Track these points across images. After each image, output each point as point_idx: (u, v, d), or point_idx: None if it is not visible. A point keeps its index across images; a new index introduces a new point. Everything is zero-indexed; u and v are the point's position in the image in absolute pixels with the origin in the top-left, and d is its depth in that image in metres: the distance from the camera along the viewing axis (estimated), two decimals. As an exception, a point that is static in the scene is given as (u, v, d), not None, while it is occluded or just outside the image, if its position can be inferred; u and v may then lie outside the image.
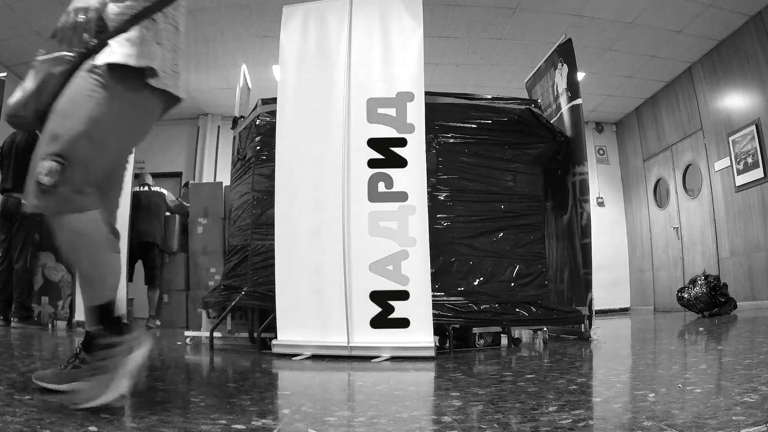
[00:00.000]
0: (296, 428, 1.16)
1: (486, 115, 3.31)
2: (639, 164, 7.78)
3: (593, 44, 5.92)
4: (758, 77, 5.34)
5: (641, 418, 1.16)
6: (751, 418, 1.07)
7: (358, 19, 2.91)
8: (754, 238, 5.43)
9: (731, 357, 2.21)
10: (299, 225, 2.79)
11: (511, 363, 2.49)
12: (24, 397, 1.36)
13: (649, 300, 7.48)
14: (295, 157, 2.84)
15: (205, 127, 7.94)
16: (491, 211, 3.26)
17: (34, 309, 4.44)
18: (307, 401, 1.51)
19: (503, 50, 6.10)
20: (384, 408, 1.39)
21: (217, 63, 6.32)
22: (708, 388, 1.52)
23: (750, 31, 5.40)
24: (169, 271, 5.53)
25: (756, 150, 5.36)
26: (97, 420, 1.15)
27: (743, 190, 5.59)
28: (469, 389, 1.65)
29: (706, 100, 6.23)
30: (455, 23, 5.57)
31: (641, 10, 5.27)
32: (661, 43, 5.89)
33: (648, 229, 7.54)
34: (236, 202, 3.67)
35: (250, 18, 5.38)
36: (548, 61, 4.14)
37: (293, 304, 2.75)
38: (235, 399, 1.48)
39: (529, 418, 1.21)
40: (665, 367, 2.13)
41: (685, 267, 6.62)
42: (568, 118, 3.82)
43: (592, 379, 1.95)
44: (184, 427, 1.12)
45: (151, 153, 7.49)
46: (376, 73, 2.85)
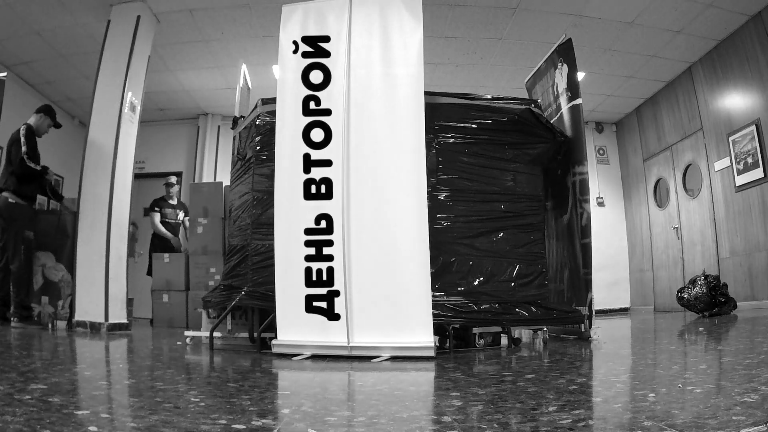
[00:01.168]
0: (296, 428, 1.16)
1: (486, 115, 3.31)
2: (639, 164, 7.78)
3: (593, 44, 5.92)
4: (758, 77, 5.34)
5: (641, 418, 1.16)
6: (751, 418, 1.07)
7: (358, 18, 2.91)
8: (754, 238, 5.43)
9: (731, 357, 2.21)
10: (299, 225, 2.79)
11: (511, 363, 2.49)
12: (24, 397, 1.36)
13: (649, 300, 7.48)
14: (295, 157, 2.84)
15: (205, 127, 7.94)
16: (491, 211, 3.26)
17: (33, 309, 4.44)
18: (307, 401, 1.51)
19: (503, 50, 6.10)
20: (384, 408, 1.39)
21: (217, 63, 6.32)
22: (708, 388, 1.52)
23: (750, 31, 5.40)
24: (169, 271, 5.53)
25: (756, 150, 5.36)
26: (97, 420, 1.15)
27: (743, 190, 5.59)
28: (469, 389, 1.65)
29: (706, 100, 6.23)
30: (455, 23, 5.57)
31: (641, 10, 5.27)
32: (661, 43, 5.89)
33: (648, 229, 7.54)
34: (236, 202, 3.67)
35: (250, 18, 5.38)
36: (548, 61, 4.14)
37: (293, 304, 2.75)
38: (235, 399, 1.48)
39: (529, 418, 1.21)
40: (665, 367, 2.13)
41: (685, 267, 6.62)
42: (568, 117, 3.82)
43: (592, 379, 1.95)
44: (184, 427, 1.12)
45: (151, 153, 7.50)
46: (375, 72, 2.85)
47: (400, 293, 2.67)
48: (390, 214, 2.74)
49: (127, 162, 4.76)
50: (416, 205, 2.72)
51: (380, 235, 2.72)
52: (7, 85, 5.43)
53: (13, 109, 5.71)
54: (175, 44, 5.81)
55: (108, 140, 4.63)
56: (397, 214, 2.73)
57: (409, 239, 2.70)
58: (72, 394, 1.51)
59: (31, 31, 5.40)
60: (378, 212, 2.74)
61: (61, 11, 5.09)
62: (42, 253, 4.58)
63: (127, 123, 4.74)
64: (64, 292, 4.49)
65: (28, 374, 1.80)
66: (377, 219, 2.74)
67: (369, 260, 2.71)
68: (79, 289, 4.46)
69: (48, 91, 6.82)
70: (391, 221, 2.73)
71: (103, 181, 4.56)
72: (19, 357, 2.42)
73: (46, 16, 5.17)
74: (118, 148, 4.63)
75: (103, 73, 4.80)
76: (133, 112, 4.82)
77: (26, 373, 1.82)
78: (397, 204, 2.74)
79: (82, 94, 6.48)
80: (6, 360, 2.26)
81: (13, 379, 1.65)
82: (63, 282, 4.51)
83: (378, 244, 2.72)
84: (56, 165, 6.81)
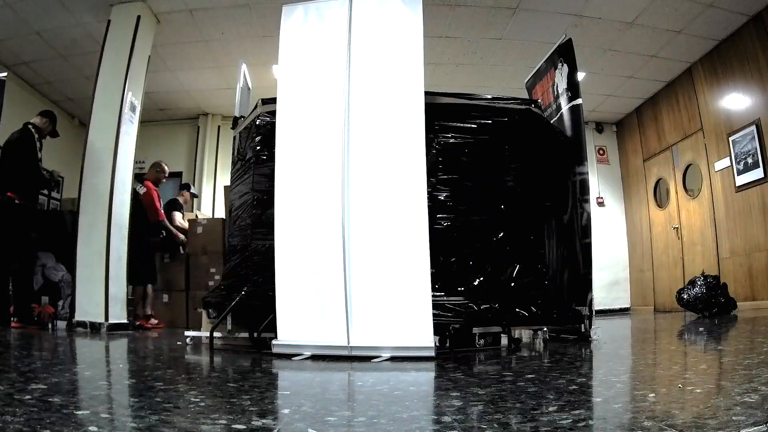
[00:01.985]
0: (296, 428, 1.16)
1: (486, 115, 3.31)
2: (639, 164, 7.78)
3: (593, 44, 5.92)
4: (758, 77, 5.34)
5: (641, 418, 1.16)
6: (751, 418, 1.07)
7: (358, 17, 2.90)
8: (754, 239, 5.43)
9: (731, 357, 2.21)
10: (299, 225, 2.79)
11: (511, 363, 2.49)
12: (24, 397, 1.36)
13: (649, 300, 7.48)
14: (295, 157, 2.84)
15: (205, 127, 7.94)
16: (491, 211, 3.26)
17: (34, 309, 4.44)
18: (307, 401, 1.51)
19: (503, 50, 6.10)
20: (384, 408, 1.39)
21: (217, 63, 6.32)
22: (708, 388, 1.52)
23: (750, 31, 5.40)
24: (169, 272, 5.53)
25: (756, 150, 5.36)
26: (97, 420, 1.15)
27: (743, 191, 5.59)
28: (469, 389, 1.65)
29: (706, 100, 6.23)
30: (455, 23, 5.57)
31: (641, 10, 5.27)
32: (661, 43, 5.89)
33: (648, 229, 7.54)
34: (236, 202, 3.67)
35: (250, 18, 5.38)
36: (548, 61, 4.14)
37: (293, 304, 2.75)
38: (235, 399, 1.48)
39: (529, 418, 1.21)
40: (665, 367, 2.13)
41: (685, 267, 6.62)
42: (568, 118, 3.82)
43: (592, 379, 1.95)
44: (184, 427, 1.12)
45: (151, 153, 7.49)
46: (375, 71, 2.85)
47: (400, 293, 2.66)
48: (390, 214, 2.74)
49: (127, 162, 4.76)
50: (416, 205, 2.72)
51: (380, 235, 2.72)
52: (7, 85, 5.43)
53: (13, 109, 5.71)
54: (175, 44, 5.81)
55: (108, 140, 4.63)
56: (397, 214, 2.73)
57: (409, 239, 2.70)
58: (72, 394, 1.51)
59: (31, 31, 5.40)
60: (378, 212, 2.74)
61: (61, 11, 5.09)
62: (42, 253, 4.58)
63: (127, 123, 4.74)
64: (64, 293, 4.49)
65: (28, 374, 1.80)
66: (377, 219, 2.73)
67: (369, 261, 2.70)
68: (79, 289, 4.46)
69: (48, 91, 6.82)
70: (391, 221, 2.73)
71: (103, 181, 4.56)
72: (19, 357, 2.42)
73: (46, 16, 5.17)
74: (118, 148, 4.63)
75: (103, 73, 4.80)
76: (133, 112, 4.82)
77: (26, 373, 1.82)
78: (397, 204, 2.74)
79: (82, 94, 6.48)
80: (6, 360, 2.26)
81: (13, 379, 1.65)
82: (63, 282, 4.51)
83: (378, 244, 2.72)
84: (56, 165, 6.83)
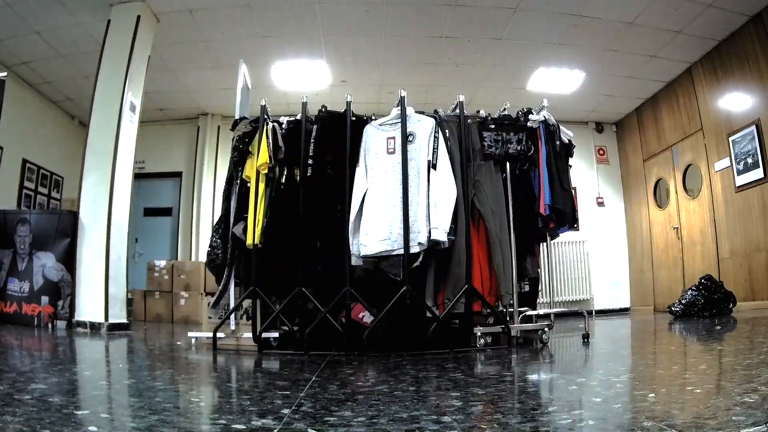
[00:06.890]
0: (296, 428, 1.16)
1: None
2: (639, 164, 7.78)
3: (593, 44, 5.91)
4: (758, 77, 5.34)
5: (641, 418, 1.16)
6: (751, 418, 1.07)
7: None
8: (754, 239, 5.42)
9: (731, 357, 2.21)
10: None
11: (511, 363, 2.49)
12: (24, 397, 1.36)
13: (649, 300, 7.47)
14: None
15: (205, 127, 7.93)
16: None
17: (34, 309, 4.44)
18: (307, 401, 1.51)
19: (503, 50, 6.09)
20: (384, 408, 1.39)
21: (217, 63, 6.31)
22: (708, 388, 1.52)
23: (750, 31, 5.40)
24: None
25: (756, 150, 5.36)
26: (97, 420, 1.15)
27: (743, 191, 5.58)
28: (469, 389, 1.65)
29: (706, 100, 6.23)
30: (455, 23, 5.55)
31: (641, 10, 5.27)
32: (661, 43, 5.88)
33: (648, 229, 7.53)
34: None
35: (250, 18, 5.38)
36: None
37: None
38: (235, 399, 1.48)
39: (529, 418, 1.21)
40: (665, 367, 2.13)
41: (685, 267, 6.61)
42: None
43: (592, 379, 1.95)
44: (184, 427, 1.12)
45: (151, 153, 7.49)
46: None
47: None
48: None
49: (127, 162, 4.76)
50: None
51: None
52: (7, 85, 5.43)
53: (13, 109, 5.71)
54: (175, 44, 5.80)
55: (108, 140, 4.63)
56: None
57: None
58: (72, 394, 1.51)
59: (31, 31, 5.40)
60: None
61: (61, 11, 5.08)
62: (42, 253, 4.57)
63: (126, 123, 4.73)
64: (64, 293, 4.49)
65: (28, 374, 1.80)
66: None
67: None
68: (79, 289, 4.46)
69: (48, 91, 6.82)
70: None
71: (103, 181, 4.56)
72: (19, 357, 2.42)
73: (46, 16, 5.16)
74: (118, 148, 4.63)
75: (103, 73, 4.80)
76: (133, 112, 4.82)
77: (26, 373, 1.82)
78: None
79: (82, 94, 6.47)
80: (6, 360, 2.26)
81: (13, 379, 1.65)
82: (63, 282, 4.51)
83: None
84: (56, 165, 6.83)
